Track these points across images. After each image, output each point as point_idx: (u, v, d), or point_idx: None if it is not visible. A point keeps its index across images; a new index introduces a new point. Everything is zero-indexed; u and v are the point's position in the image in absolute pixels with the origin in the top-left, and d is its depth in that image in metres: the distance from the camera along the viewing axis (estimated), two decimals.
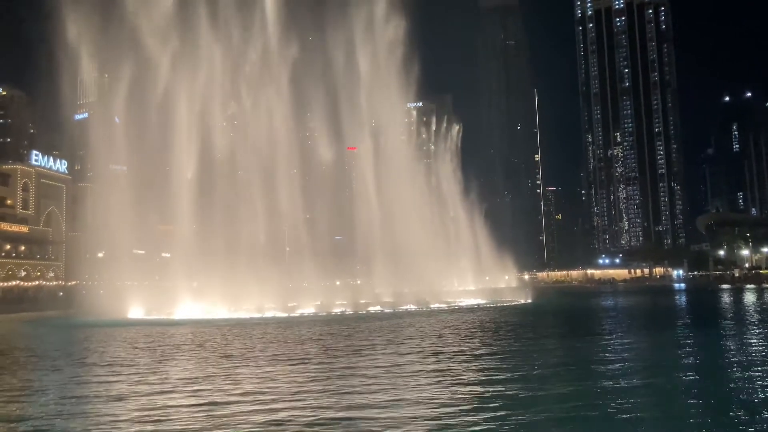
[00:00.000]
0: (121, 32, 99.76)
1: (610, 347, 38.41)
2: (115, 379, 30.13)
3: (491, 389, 24.39)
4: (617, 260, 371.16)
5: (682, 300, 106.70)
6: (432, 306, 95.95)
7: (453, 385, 25.78)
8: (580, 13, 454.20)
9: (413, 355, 35.63)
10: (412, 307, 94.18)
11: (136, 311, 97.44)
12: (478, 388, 24.82)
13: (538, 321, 66.34)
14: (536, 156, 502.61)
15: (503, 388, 24.52)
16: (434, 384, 26.04)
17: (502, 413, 20.30)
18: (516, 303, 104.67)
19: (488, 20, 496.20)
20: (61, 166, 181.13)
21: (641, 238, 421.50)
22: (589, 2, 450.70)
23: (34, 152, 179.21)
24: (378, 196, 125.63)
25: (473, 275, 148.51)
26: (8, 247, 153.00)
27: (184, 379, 29.43)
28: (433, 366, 31.14)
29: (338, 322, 67.71)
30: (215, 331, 59.48)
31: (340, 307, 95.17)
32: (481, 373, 28.63)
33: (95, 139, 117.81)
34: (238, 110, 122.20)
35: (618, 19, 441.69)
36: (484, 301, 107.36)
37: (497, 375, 27.98)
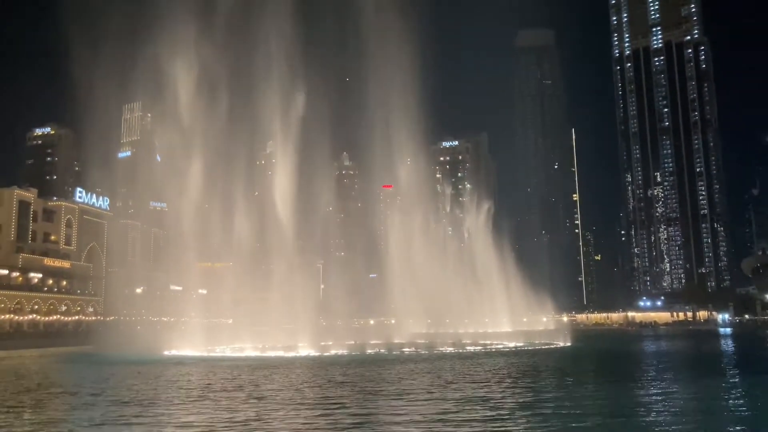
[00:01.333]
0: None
1: (658, 397, 36.43)
2: (143, 420, 29.49)
3: None
4: (659, 303, 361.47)
5: (728, 345, 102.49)
6: (469, 348, 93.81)
7: None
8: (618, 52, 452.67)
9: (457, 402, 34.24)
10: (448, 349, 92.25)
11: (171, 347, 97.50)
12: None
13: (579, 367, 64.04)
14: (574, 195, 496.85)
15: None
16: None
17: None
18: (554, 346, 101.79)
19: (525, 59, 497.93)
20: (103, 203, 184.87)
21: (683, 281, 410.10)
22: (627, 42, 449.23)
23: (78, 189, 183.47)
24: (411, 235, 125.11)
25: (510, 317, 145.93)
26: (50, 281, 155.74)
27: (214, 423, 28.66)
28: (481, 416, 29.71)
29: (373, 363, 66.39)
30: (248, 370, 58.78)
31: (374, 347, 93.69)
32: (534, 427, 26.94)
33: (137, 177, 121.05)
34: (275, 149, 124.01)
35: (656, 59, 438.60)
36: (521, 344, 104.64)
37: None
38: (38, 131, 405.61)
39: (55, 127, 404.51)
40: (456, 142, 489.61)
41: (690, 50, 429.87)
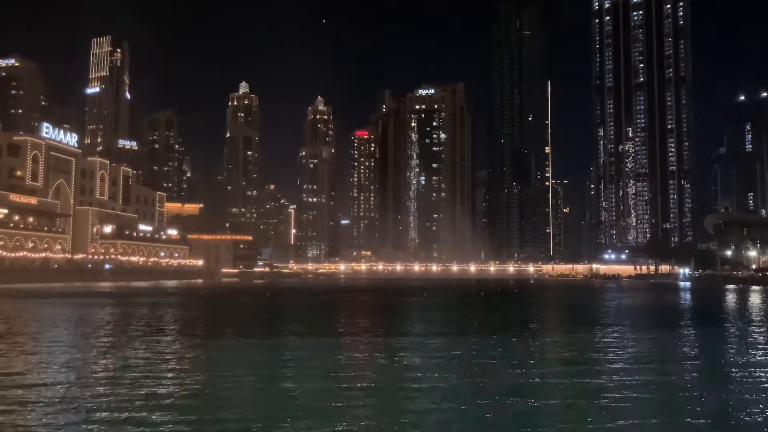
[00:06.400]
0: None
1: (614, 343, 37.97)
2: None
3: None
4: (623, 256, 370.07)
5: (686, 298, 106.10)
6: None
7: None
8: (597, 5, 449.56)
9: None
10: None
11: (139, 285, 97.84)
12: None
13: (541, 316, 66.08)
14: (546, 148, 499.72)
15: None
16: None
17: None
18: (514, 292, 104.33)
19: (505, 10, 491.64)
20: (71, 139, 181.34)
21: (648, 235, 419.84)
22: None
23: (45, 125, 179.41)
24: (383, 183, 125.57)
25: (476, 264, 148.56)
26: (17, 218, 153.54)
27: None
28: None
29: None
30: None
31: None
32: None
33: (105, 114, 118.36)
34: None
35: (635, 14, 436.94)
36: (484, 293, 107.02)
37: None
38: (2, 62, 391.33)
39: (19, 59, 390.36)
40: (432, 90, 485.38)
41: (669, 6, 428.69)
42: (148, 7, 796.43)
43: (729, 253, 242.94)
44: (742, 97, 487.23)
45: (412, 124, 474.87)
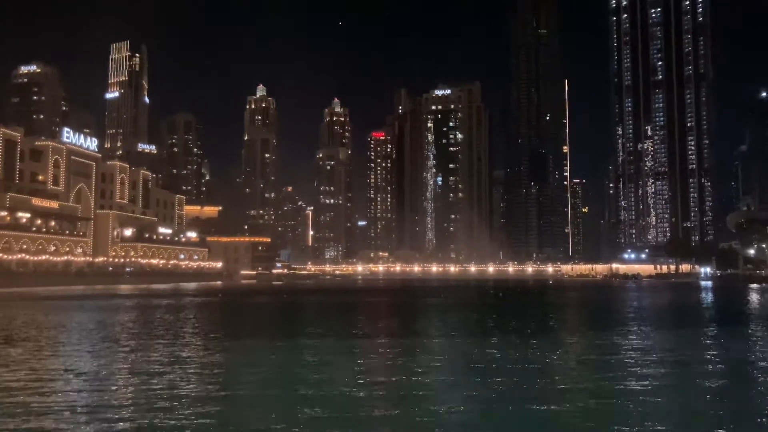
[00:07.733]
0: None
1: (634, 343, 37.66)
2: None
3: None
4: (643, 255, 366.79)
5: (708, 298, 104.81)
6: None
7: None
8: (615, 3, 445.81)
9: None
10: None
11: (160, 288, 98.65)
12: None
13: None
14: (564, 147, 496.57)
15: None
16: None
17: None
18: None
19: (522, 7, 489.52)
20: (91, 143, 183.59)
21: (668, 234, 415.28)
22: None
23: (66, 129, 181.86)
24: (400, 183, 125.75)
25: (495, 265, 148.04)
26: (39, 222, 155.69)
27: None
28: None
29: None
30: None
31: None
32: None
33: (125, 118, 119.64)
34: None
35: (653, 11, 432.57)
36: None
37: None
38: (24, 69, 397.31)
39: (41, 65, 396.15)
40: (449, 91, 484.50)
41: (688, 2, 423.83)
42: (166, 12, 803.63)
43: (752, 252, 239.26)
44: (764, 94, 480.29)
45: (429, 125, 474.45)
